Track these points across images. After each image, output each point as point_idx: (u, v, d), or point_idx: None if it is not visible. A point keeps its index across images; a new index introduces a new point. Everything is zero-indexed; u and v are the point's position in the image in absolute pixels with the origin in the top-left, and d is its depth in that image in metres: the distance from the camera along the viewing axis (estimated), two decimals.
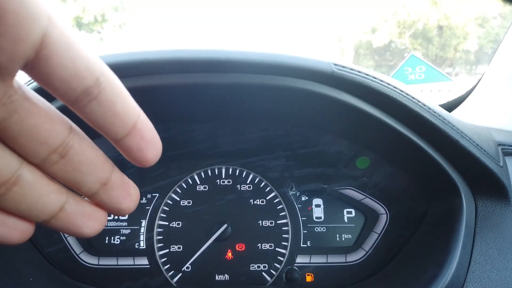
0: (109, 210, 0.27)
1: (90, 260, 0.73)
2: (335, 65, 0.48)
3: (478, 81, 1.08)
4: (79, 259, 0.72)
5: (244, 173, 0.78)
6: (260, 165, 0.74)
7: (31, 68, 0.20)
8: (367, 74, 0.50)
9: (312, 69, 0.47)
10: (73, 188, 0.24)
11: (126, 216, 0.76)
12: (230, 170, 0.78)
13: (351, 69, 0.49)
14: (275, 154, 0.73)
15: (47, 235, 0.70)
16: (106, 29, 15.25)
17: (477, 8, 14.59)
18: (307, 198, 0.76)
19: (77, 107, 0.22)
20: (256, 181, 0.77)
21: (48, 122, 0.22)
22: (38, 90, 0.24)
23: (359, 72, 0.49)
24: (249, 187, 0.77)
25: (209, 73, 0.48)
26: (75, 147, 0.23)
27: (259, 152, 0.73)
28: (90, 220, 0.26)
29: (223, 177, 0.78)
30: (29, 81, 0.48)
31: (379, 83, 0.50)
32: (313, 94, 0.49)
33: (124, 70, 0.47)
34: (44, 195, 0.23)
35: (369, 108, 0.51)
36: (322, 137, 0.65)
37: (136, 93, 0.51)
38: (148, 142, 0.26)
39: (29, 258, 0.66)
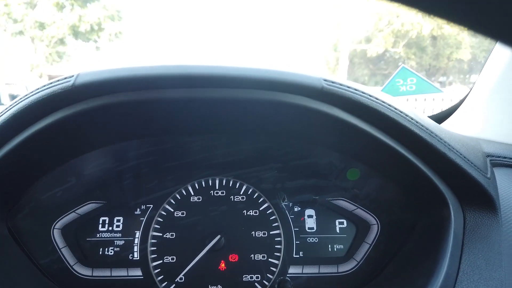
0: None
1: (84, 271, 0.73)
2: (325, 80, 0.50)
3: (469, 92, 1.10)
4: (73, 271, 0.73)
5: (238, 184, 0.79)
6: (253, 176, 0.75)
7: None
8: (356, 89, 0.51)
9: (302, 85, 0.49)
10: None
11: (121, 227, 0.76)
12: (224, 181, 0.79)
13: (341, 85, 0.50)
14: (268, 166, 0.74)
15: (42, 247, 0.71)
16: (103, 38, 15.28)
17: None
18: (299, 208, 0.77)
19: None
20: (249, 192, 0.78)
21: None
22: None
23: (349, 87, 0.51)
24: (242, 198, 0.78)
25: (204, 88, 0.49)
26: None
27: (252, 164, 0.74)
28: None
29: (217, 188, 0.79)
30: None
31: (368, 98, 0.51)
32: (303, 108, 0.50)
33: (122, 85, 0.48)
34: None
35: (358, 122, 0.52)
36: (314, 149, 0.67)
37: (133, 107, 0.52)
38: None
39: (24, 270, 0.67)
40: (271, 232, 0.76)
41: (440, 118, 1.12)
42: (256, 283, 0.73)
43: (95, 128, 0.57)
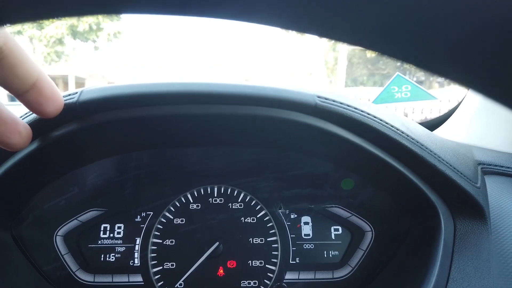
0: (35, 110, 0.33)
1: (86, 277, 0.75)
2: (319, 97, 0.52)
3: (463, 99, 1.12)
4: (75, 277, 0.75)
5: (236, 192, 0.81)
6: (251, 185, 0.77)
7: None
8: (348, 105, 0.53)
9: (297, 101, 0.51)
10: (4, 87, 0.31)
11: (121, 234, 0.78)
12: (222, 189, 0.81)
13: (333, 101, 0.53)
14: (265, 176, 0.76)
15: (45, 254, 0.73)
16: (101, 38, 15.28)
17: None
18: (296, 216, 0.80)
19: None
20: (247, 199, 0.80)
21: None
22: None
23: (341, 103, 0.53)
24: (240, 205, 0.80)
25: (203, 105, 0.51)
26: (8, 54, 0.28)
27: (250, 174, 0.77)
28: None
29: (215, 196, 0.81)
30: None
31: (360, 114, 0.53)
32: (298, 123, 0.52)
33: (125, 101, 0.50)
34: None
35: (351, 136, 0.54)
36: (309, 161, 0.69)
37: (134, 122, 0.54)
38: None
39: (28, 277, 0.69)
40: (268, 239, 0.78)
41: (434, 124, 1.14)
42: None
43: (97, 142, 0.59)
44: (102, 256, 0.77)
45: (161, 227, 0.79)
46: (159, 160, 0.75)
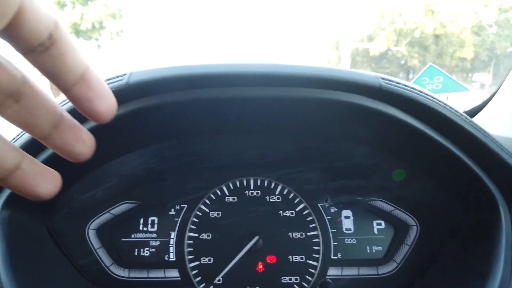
0: (64, 154, 0.29)
1: (120, 272, 0.72)
2: (383, 79, 0.49)
3: (496, 91, 1.09)
4: (109, 272, 0.72)
5: (273, 184, 0.78)
6: (293, 177, 0.74)
7: None
8: (413, 88, 0.50)
9: (360, 83, 0.48)
10: (28, 130, 0.27)
11: (155, 228, 0.76)
12: (259, 182, 0.78)
13: (398, 83, 0.49)
14: (310, 166, 0.73)
15: (79, 247, 0.70)
16: (104, 36, 15.28)
17: (473, 16, 14.75)
18: (336, 209, 0.76)
19: (30, 57, 0.25)
20: (284, 192, 0.77)
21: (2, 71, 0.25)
22: None
23: (405, 86, 0.50)
24: (278, 198, 0.77)
25: (257, 87, 0.48)
26: (28, 93, 0.26)
27: (293, 164, 0.73)
28: (44, 181, 0.28)
29: (252, 188, 0.78)
30: None
31: (425, 97, 0.50)
32: (359, 107, 0.49)
33: (177, 83, 0.47)
34: (2, 152, 0.26)
35: (414, 122, 0.51)
36: (359, 150, 0.66)
37: (184, 106, 0.51)
38: (97, 94, 0.29)
39: (64, 271, 0.66)
40: (308, 233, 0.75)
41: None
42: (295, 285, 0.72)
43: (142, 128, 0.56)
44: (136, 250, 0.74)
45: (197, 220, 0.76)
46: (196, 149, 0.72)
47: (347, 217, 0.77)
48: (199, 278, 0.72)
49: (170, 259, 0.74)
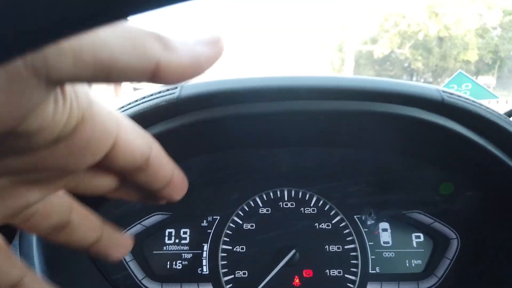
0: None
1: (152, 286, 0.70)
2: (444, 92, 0.47)
3: None
4: (142, 285, 0.70)
5: (307, 195, 0.76)
6: (339, 190, 0.72)
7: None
8: (474, 101, 0.48)
9: (422, 97, 0.46)
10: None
11: (187, 240, 0.74)
12: (293, 193, 0.76)
13: (459, 96, 0.47)
14: (355, 179, 0.71)
15: (112, 262, 0.68)
16: None
17: (477, 18, 14.74)
18: (373, 222, 0.74)
19: (126, 177, 0.27)
20: (320, 204, 0.75)
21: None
22: None
23: (466, 99, 0.48)
24: (313, 210, 0.75)
25: (314, 101, 0.46)
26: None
27: (338, 177, 0.71)
28: (119, 247, 0.32)
29: (286, 199, 0.76)
30: None
31: (486, 111, 0.48)
32: (419, 121, 0.47)
33: (230, 98, 0.45)
34: (87, 232, 0.29)
35: (474, 136, 0.49)
36: (407, 162, 0.64)
37: (235, 120, 0.49)
38: (178, 190, 0.31)
39: (97, 286, 0.64)
40: (345, 247, 0.73)
41: None
42: None
43: (186, 141, 0.54)
44: (168, 263, 0.72)
45: (230, 232, 0.74)
46: (231, 163, 0.70)
47: (384, 230, 0.74)
48: None
49: (203, 273, 0.72)
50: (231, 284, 0.71)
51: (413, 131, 0.51)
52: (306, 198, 0.76)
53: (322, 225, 0.74)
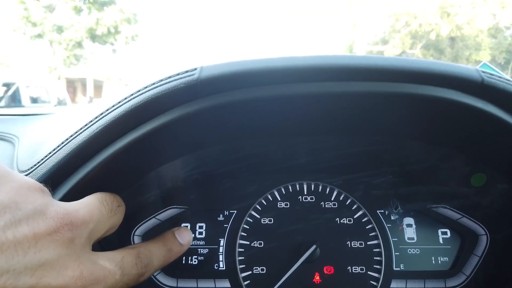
0: None
1: (168, 282, 0.68)
2: (483, 72, 0.43)
3: None
4: (156, 281, 0.67)
5: (328, 189, 0.73)
6: (363, 182, 0.69)
7: None
8: None
9: (460, 77, 0.42)
10: None
11: (204, 235, 0.71)
12: (312, 186, 0.73)
13: (500, 77, 0.44)
14: (381, 170, 0.67)
15: None
16: (119, 41, 15.45)
17: (490, 18, 14.52)
18: (397, 217, 0.71)
19: None
20: (341, 198, 0.72)
21: None
22: None
23: (508, 80, 0.44)
24: (334, 204, 0.72)
25: (343, 82, 0.43)
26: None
27: (363, 168, 0.68)
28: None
29: (305, 193, 0.73)
30: None
31: None
32: (456, 105, 0.44)
33: (253, 78, 0.43)
34: None
35: None
36: (437, 151, 0.60)
37: (259, 104, 0.46)
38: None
39: None
40: (368, 242, 0.69)
41: None
42: None
43: (204, 129, 0.52)
44: (184, 258, 0.70)
45: (248, 227, 0.71)
46: (246, 153, 0.67)
47: (409, 225, 0.71)
48: None
49: (220, 268, 0.69)
50: (249, 281, 0.68)
51: (446, 116, 0.48)
52: (327, 192, 0.73)
53: (344, 220, 0.71)
